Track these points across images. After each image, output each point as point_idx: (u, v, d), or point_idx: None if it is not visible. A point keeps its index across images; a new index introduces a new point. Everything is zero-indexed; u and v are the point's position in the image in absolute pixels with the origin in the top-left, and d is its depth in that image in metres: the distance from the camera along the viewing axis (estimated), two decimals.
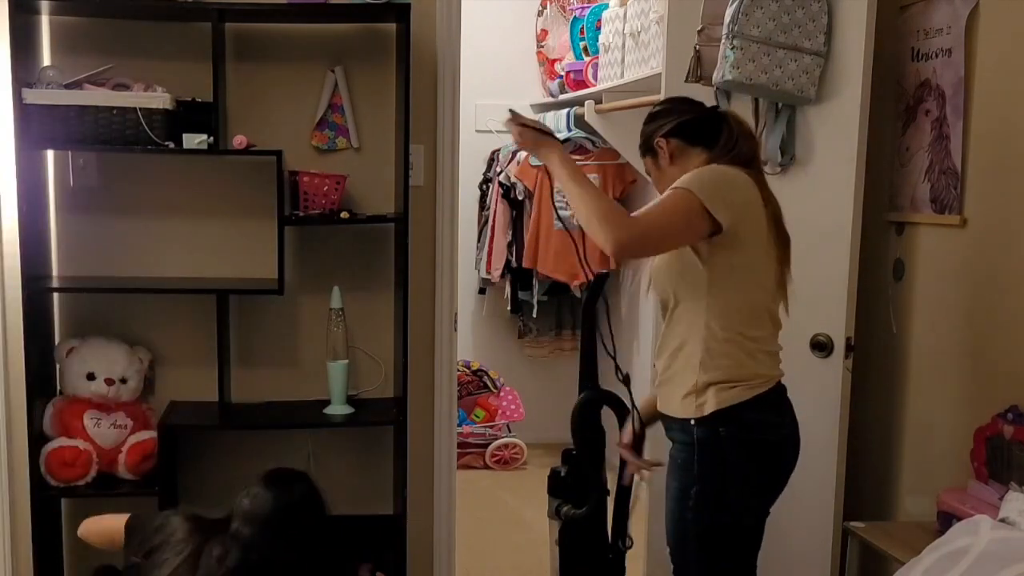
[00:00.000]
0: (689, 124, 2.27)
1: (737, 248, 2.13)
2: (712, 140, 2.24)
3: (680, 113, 2.29)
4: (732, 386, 2.13)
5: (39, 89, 2.76)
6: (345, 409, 3.03)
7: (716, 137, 2.23)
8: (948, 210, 2.51)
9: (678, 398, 2.20)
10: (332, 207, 2.95)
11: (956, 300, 2.51)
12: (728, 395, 2.13)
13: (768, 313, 2.21)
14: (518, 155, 4.96)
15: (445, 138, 3.15)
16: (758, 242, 2.16)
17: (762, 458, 2.18)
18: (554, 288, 5.10)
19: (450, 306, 3.21)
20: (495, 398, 5.14)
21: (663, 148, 2.27)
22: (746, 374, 2.15)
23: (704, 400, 2.14)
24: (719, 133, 2.23)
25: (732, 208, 2.10)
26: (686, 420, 2.18)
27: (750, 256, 2.16)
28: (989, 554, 1.85)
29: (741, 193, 2.14)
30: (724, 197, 2.10)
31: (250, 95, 3.03)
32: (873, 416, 2.77)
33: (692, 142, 2.26)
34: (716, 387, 2.14)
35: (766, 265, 2.19)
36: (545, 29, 5.24)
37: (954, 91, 2.48)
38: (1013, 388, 2.29)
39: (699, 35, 2.80)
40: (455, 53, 3.14)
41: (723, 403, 2.12)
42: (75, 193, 3.03)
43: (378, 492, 3.19)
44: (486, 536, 4.16)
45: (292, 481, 1.93)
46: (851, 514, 2.61)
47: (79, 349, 2.93)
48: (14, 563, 3.03)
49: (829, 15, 2.61)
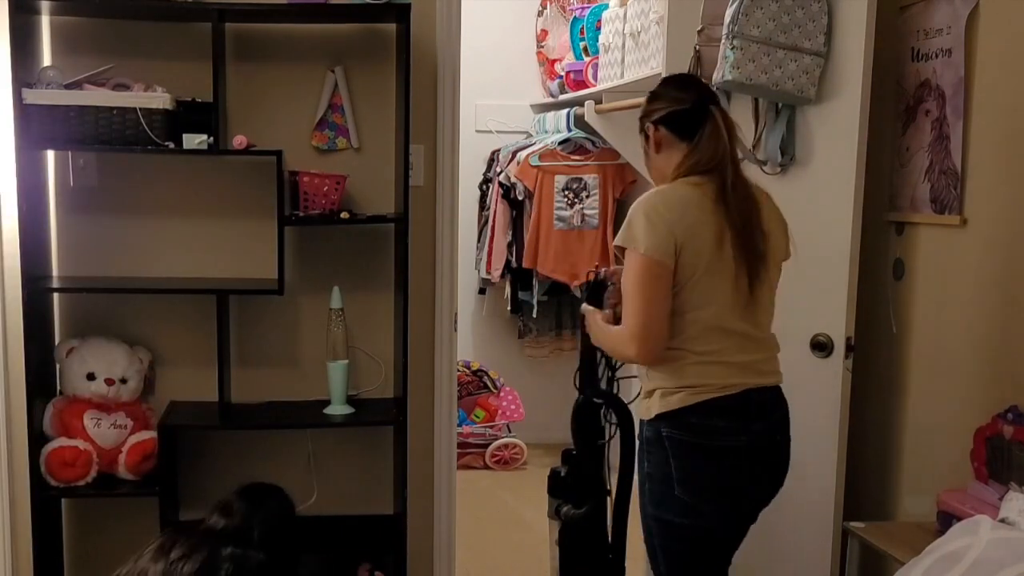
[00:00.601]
0: (679, 116, 2.25)
1: (680, 273, 2.16)
2: (695, 135, 2.23)
3: (674, 101, 2.28)
4: (675, 391, 2.20)
5: (39, 89, 2.76)
6: (345, 409, 3.03)
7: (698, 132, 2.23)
8: (948, 210, 2.51)
9: (638, 399, 2.33)
10: (332, 207, 2.95)
11: (956, 300, 2.51)
12: (671, 400, 2.21)
13: (721, 329, 2.19)
14: (518, 155, 4.96)
15: (445, 138, 3.15)
16: (703, 263, 2.16)
17: (708, 462, 2.20)
18: (554, 288, 5.10)
19: (450, 306, 3.21)
20: (495, 398, 5.14)
21: (651, 136, 2.29)
22: (690, 382, 2.19)
23: (651, 403, 2.26)
24: (702, 127, 2.23)
25: (677, 243, 2.14)
26: (641, 420, 2.31)
27: (695, 279, 2.16)
28: (989, 554, 1.84)
29: (683, 222, 2.15)
30: (665, 241, 2.13)
31: (250, 95, 3.03)
32: (873, 416, 2.77)
33: (680, 135, 2.26)
34: (660, 391, 2.23)
35: (717, 284, 2.18)
36: (545, 29, 5.24)
37: (954, 91, 2.48)
38: (1013, 388, 2.29)
39: (699, 35, 2.80)
40: (455, 53, 3.14)
41: (666, 407, 2.21)
42: (75, 193, 3.03)
43: (378, 492, 3.19)
44: (486, 536, 4.16)
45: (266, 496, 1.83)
46: (851, 514, 2.61)
47: (79, 349, 2.93)
48: (14, 563, 3.03)
49: (829, 15, 2.61)
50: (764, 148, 2.75)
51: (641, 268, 2.14)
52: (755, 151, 2.77)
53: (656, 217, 2.14)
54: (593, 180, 4.90)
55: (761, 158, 2.76)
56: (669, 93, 2.31)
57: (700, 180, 2.20)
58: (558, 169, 4.88)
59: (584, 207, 4.90)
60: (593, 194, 4.90)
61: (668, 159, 2.27)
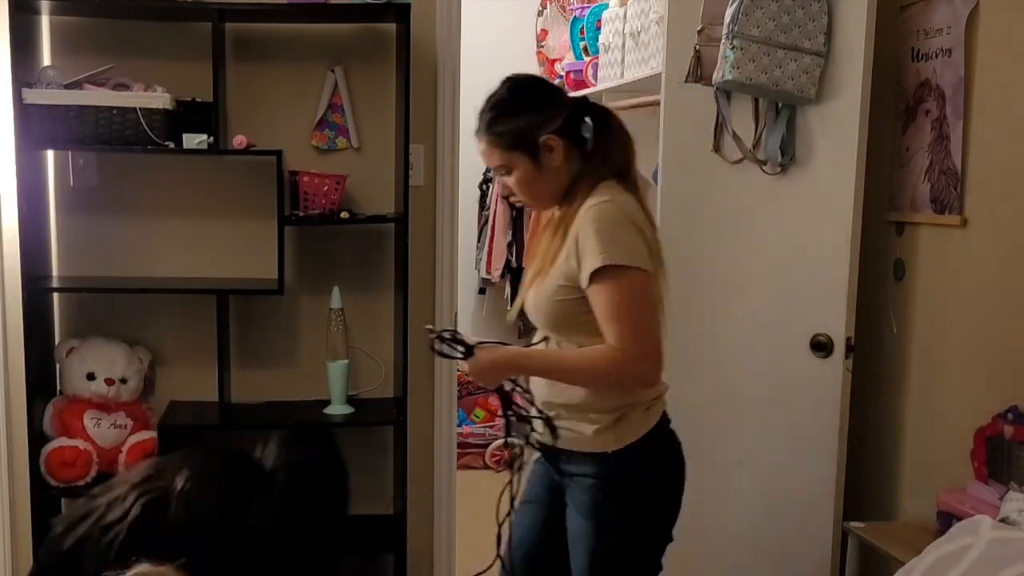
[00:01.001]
0: (575, 121, 2.05)
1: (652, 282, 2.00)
2: (589, 140, 2.05)
3: (562, 106, 2.05)
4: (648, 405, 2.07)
5: (39, 89, 2.76)
6: (345, 409, 3.03)
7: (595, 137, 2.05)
8: (948, 210, 2.50)
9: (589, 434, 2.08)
10: (332, 207, 2.95)
11: (956, 300, 2.51)
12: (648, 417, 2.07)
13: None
14: None
15: (445, 138, 3.15)
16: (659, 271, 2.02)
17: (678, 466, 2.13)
18: None
19: (450, 306, 3.21)
20: (495, 398, 5.13)
21: (554, 148, 2.01)
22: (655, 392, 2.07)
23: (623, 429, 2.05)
24: (599, 132, 2.05)
25: (650, 252, 1.97)
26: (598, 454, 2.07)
27: (658, 285, 2.01)
28: (989, 554, 1.84)
29: (647, 228, 1.99)
30: (641, 248, 1.94)
31: (250, 95, 3.03)
32: (873, 416, 2.77)
33: (577, 141, 2.04)
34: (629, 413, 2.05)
35: (660, 290, 2.03)
36: (545, 29, 5.24)
37: (954, 91, 2.47)
38: (1013, 388, 2.29)
39: (699, 35, 2.80)
40: (455, 53, 3.14)
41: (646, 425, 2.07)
42: (75, 193, 3.03)
43: (378, 492, 3.19)
44: (486, 536, 4.15)
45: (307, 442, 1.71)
46: (851, 514, 2.61)
47: (79, 349, 2.93)
48: (14, 563, 3.03)
49: (829, 15, 2.60)
50: (764, 148, 2.75)
51: (636, 285, 1.92)
52: (755, 151, 2.77)
53: (632, 227, 1.95)
54: None
55: (761, 158, 2.76)
56: (558, 98, 2.09)
57: (618, 184, 2.02)
58: None
59: None
60: None
61: (565, 173, 2.04)
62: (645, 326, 1.93)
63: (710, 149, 2.91)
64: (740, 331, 2.88)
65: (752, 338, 2.84)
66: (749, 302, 2.85)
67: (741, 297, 2.87)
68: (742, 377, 2.88)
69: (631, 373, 1.96)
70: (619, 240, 1.92)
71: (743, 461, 2.87)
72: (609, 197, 1.97)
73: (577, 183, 2.02)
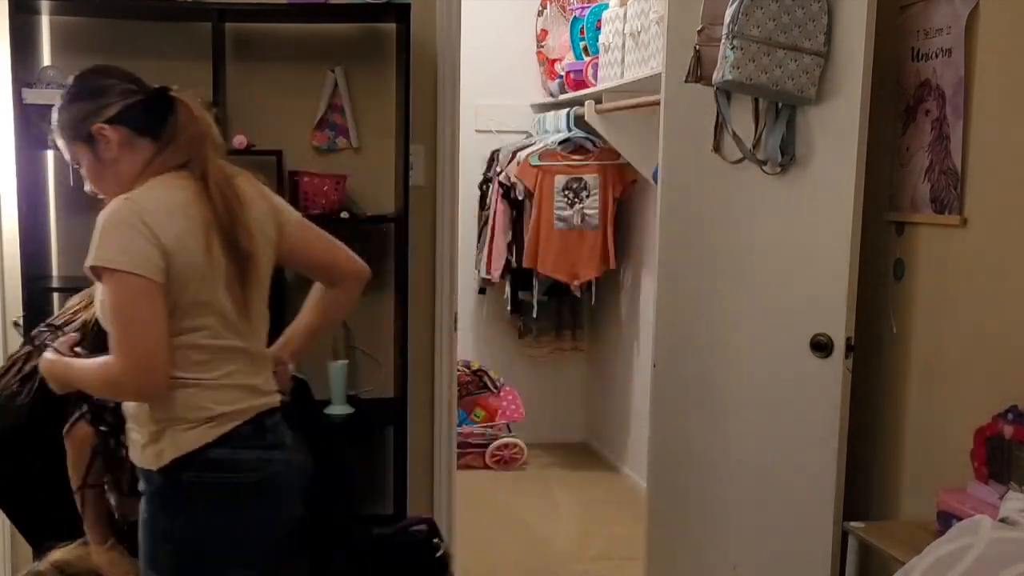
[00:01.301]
0: (136, 108, 1.96)
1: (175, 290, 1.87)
2: (160, 129, 1.96)
3: (125, 93, 1.97)
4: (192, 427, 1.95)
5: (39, 89, 2.77)
6: (345, 409, 3.03)
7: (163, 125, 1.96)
8: (948, 210, 2.50)
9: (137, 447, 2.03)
10: (332, 207, 2.95)
11: (956, 300, 2.51)
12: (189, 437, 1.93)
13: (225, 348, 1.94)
14: (518, 155, 4.97)
15: (445, 138, 3.15)
16: (198, 275, 1.89)
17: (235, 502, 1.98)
18: (554, 288, 5.11)
19: (450, 306, 3.21)
20: (495, 398, 5.14)
21: (108, 137, 1.94)
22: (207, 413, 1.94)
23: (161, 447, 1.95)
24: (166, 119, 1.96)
25: (166, 255, 1.84)
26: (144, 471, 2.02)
27: (191, 294, 1.89)
28: (989, 554, 1.84)
29: (171, 230, 1.86)
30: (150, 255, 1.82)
31: (250, 95, 3.03)
32: (873, 416, 2.77)
33: (141, 131, 1.96)
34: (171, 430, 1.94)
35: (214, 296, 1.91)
36: (545, 29, 5.24)
37: (954, 91, 2.47)
38: (1013, 388, 2.29)
39: (699, 35, 2.80)
40: (455, 53, 3.14)
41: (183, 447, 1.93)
42: (75, 193, 3.02)
43: (378, 492, 3.19)
44: (486, 536, 4.16)
45: None
46: (851, 514, 2.61)
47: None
48: (14, 562, 3.03)
49: (829, 15, 2.60)
50: (764, 148, 2.75)
51: (126, 289, 1.81)
52: (755, 151, 2.77)
53: (136, 228, 1.82)
54: (593, 180, 4.90)
55: (761, 158, 2.76)
56: (113, 85, 1.99)
57: (176, 177, 1.93)
58: (558, 169, 4.88)
59: (584, 207, 4.91)
60: (593, 194, 4.91)
61: (131, 163, 1.95)
62: (133, 333, 1.82)
63: (710, 149, 2.91)
64: (740, 331, 2.88)
65: (752, 338, 2.84)
66: (749, 302, 2.85)
67: (740, 297, 2.87)
68: (742, 377, 2.88)
69: (118, 382, 1.87)
70: (115, 241, 1.84)
71: (743, 461, 2.87)
72: (134, 194, 1.89)
73: (143, 175, 1.95)
